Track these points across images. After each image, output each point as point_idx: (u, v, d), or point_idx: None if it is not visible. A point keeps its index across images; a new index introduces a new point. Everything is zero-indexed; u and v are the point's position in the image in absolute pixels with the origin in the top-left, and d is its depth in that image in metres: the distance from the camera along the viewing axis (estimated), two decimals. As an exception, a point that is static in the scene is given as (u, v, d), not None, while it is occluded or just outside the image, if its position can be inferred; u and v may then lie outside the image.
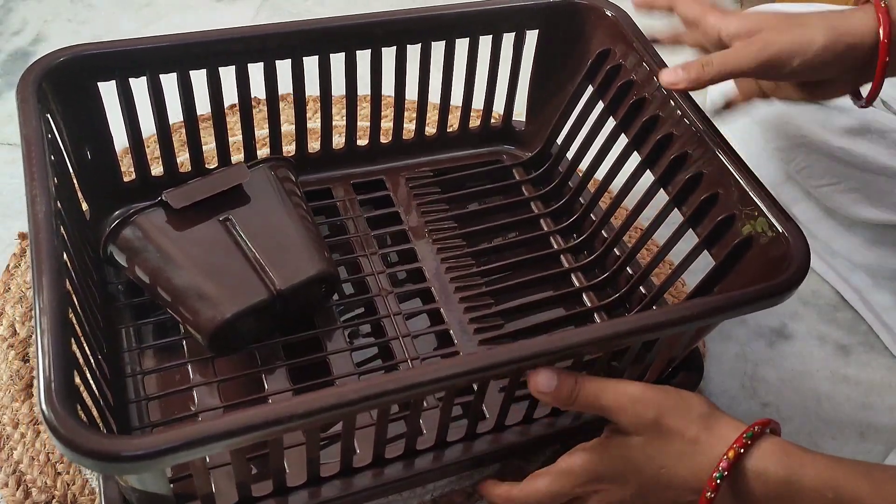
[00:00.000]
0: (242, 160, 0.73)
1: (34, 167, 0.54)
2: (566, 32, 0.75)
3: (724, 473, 0.48)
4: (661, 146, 0.67)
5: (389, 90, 0.75)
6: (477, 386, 0.53)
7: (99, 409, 0.52)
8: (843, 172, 0.76)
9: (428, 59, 0.74)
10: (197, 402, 0.61)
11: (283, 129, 0.74)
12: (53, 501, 0.61)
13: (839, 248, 0.81)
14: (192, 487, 0.50)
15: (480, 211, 0.78)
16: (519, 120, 0.83)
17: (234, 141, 0.83)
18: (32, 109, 0.58)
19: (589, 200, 0.75)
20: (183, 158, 0.74)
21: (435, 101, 0.78)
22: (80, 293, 0.54)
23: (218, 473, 0.56)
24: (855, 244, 0.80)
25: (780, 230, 0.57)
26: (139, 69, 0.65)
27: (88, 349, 0.53)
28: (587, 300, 0.72)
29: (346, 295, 0.70)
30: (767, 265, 0.57)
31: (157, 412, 0.60)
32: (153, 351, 0.64)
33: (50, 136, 0.59)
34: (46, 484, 0.62)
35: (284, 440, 0.58)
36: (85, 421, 0.43)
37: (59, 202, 0.55)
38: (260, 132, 0.78)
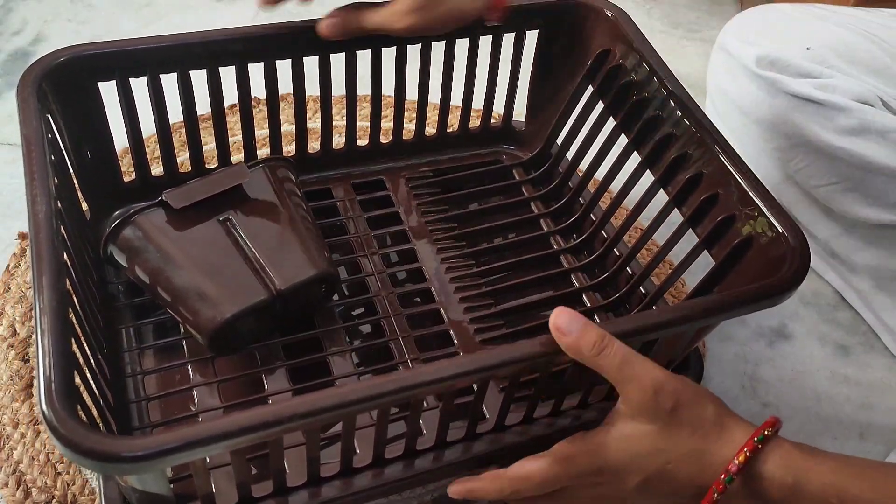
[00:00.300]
0: (242, 160, 0.73)
1: (34, 167, 0.54)
2: (566, 33, 0.75)
3: (733, 476, 0.48)
4: (661, 146, 0.67)
5: (389, 90, 0.75)
6: (476, 386, 0.53)
7: (99, 409, 0.52)
8: (842, 172, 0.76)
9: (428, 59, 0.74)
10: (197, 402, 0.61)
11: (283, 129, 0.74)
12: (53, 501, 0.61)
13: (839, 248, 0.81)
14: (192, 488, 0.50)
15: (480, 211, 0.78)
16: (519, 120, 0.83)
17: (234, 141, 0.83)
18: (32, 109, 0.58)
19: (589, 200, 0.75)
20: (183, 158, 0.74)
21: (435, 101, 0.78)
22: (80, 293, 0.54)
23: (218, 473, 0.56)
24: (854, 244, 0.80)
25: (780, 230, 0.57)
26: (139, 69, 0.65)
27: (88, 349, 0.53)
28: (587, 300, 0.72)
29: (346, 295, 0.70)
30: (767, 265, 0.57)
31: (157, 412, 0.60)
32: (153, 351, 0.64)
33: (50, 135, 0.59)
34: (46, 484, 0.62)
35: (285, 440, 0.58)
36: (85, 421, 0.43)
37: (59, 202, 0.55)
38: (260, 132, 0.78)
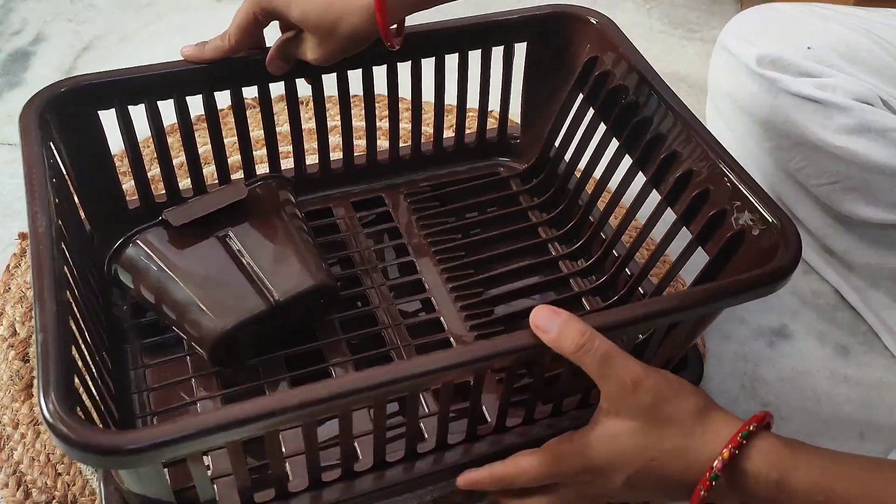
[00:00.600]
0: (242, 178, 0.74)
1: (34, 185, 0.55)
2: (554, 43, 0.76)
3: (718, 474, 0.48)
4: (650, 147, 0.68)
5: (382, 109, 0.76)
6: (472, 380, 0.54)
7: (101, 415, 0.53)
8: (842, 171, 0.76)
9: (419, 75, 0.75)
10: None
11: (280, 149, 0.75)
12: (54, 502, 0.61)
13: (838, 247, 0.81)
14: (194, 496, 0.51)
15: (479, 222, 0.78)
16: (514, 131, 0.84)
17: (233, 161, 0.84)
18: (34, 137, 0.59)
19: (584, 206, 0.76)
20: (184, 180, 0.75)
21: (428, 117, 0.79)
22: (81, 307, 0.55)
23: (220, 483, 0.56)
24: (854, 243, 0.80)
25: (770, 220, 0.58)
26: (138, 97, 0.67)
27: (92, 362, 0.54)
28: (587, 304, 0.72)
29: (346, 307, 0.70)
30: (761, 256, 0.58)
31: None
32: (158, 368, 0.65)
33: (51, 160, 0.60)
34: (47, 484, 0.62)
35: (286, 445, 0.58)
36: (81, 417, 0.43)
37: (60, 220, 0.56)
38: (258, 152, 0.80)
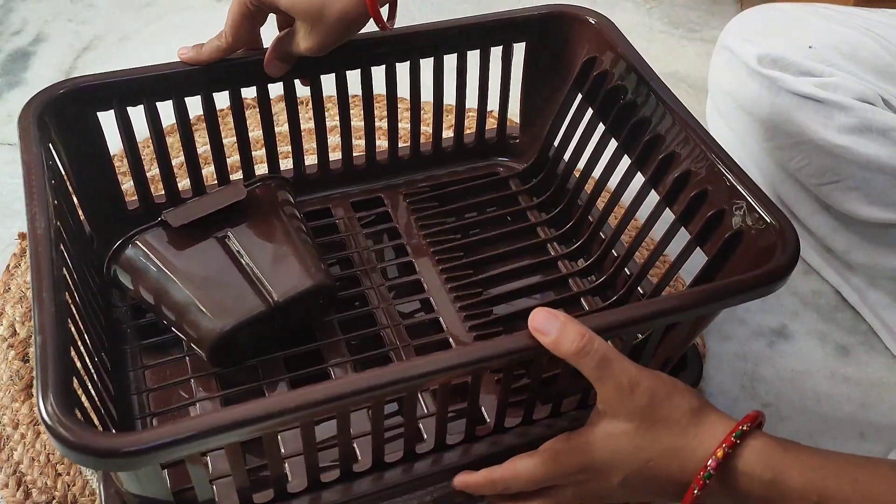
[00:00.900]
0: (241, 178, 0.74)
1: (33, 186, 0.55)
2: (552, 43, 0.76)
3: (711, 473, 0.48)
4: (649, 147, 0.68)
5: (381, 109, 0.76)
6: (470, 381, 0.54)
7: (100, 416, 0.53)
8: (843, 171, 0.76)
9: (418, 76, 0.75)
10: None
11: (279, 149, 0.75)
12: (54, 502, 0.61)
13: (839, 246, 0.81)
14: (193, 496, 0.51)
15: (478, 222, 0.78)
16: (513, 131, 0.84)
17: (232, 162, 0.84)
18: (33, 138, 0.59)
19: (583, 207, 0.76)
20: (184, 181, 0.75)
21: (428, 117, 0.79)
22: (80, 307, 0.55)
23: (219, 484, 0.56)
24: (855, 243, 0.80)
25: (768, 220, 0.58)
26: (137, 98, 0.67)
27: (91, 364, 0.54)
28: (585, 304, 0.72)
29: (345, 308, 0.70)
30: (759, 256, 0.58)
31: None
32: (157, 369, 0.65)
33: (50, 162, 0.60)
34: (47, 485, 0.62)
35: (284, 446, 0.58)
36: (80, 418, 0.43)
37: (59, 222, 0.56)
38: (257, 152, 0.80)
